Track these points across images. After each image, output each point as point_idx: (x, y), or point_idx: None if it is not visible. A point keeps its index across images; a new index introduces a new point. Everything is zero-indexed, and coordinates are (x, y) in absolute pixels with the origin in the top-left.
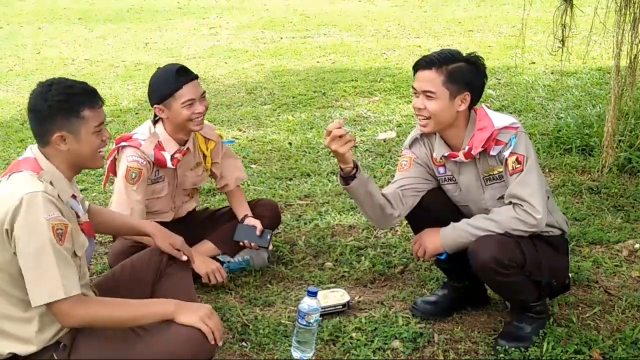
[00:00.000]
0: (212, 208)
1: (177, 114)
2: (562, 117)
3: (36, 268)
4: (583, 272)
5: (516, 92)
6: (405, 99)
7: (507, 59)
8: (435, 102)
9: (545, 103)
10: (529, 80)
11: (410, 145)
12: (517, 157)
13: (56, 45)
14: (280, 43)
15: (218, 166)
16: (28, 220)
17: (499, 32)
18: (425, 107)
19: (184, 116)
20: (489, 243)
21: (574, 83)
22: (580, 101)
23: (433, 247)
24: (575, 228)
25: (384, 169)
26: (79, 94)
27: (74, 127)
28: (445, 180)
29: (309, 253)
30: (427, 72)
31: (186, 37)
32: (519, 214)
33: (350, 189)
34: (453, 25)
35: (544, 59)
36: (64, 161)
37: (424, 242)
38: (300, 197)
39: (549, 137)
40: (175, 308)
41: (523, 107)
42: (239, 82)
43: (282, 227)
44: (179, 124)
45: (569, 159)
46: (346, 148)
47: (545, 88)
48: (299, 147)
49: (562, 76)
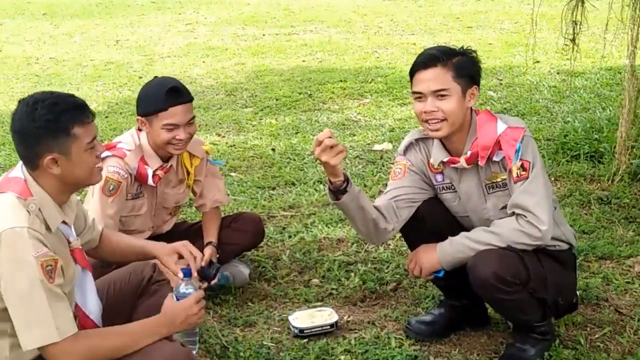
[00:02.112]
0: (190, 221)
1: (156, 133)
2: (569, 121)
3: (27, 310)
4: (592, 290)
5: (519, 94)
6: (399, 101)
7: (509, 57)
8: (449, 101)
9: (551, 106)
10: (533, 81)
11: (404, 151)
12: (522, 164)
13: (19, 43)
14: (262, 40)
15: (200, 184)
16: (13, 257)
17: (501, 28)
18: (439, 109)
19: (162, 138)
20: (490, 257)
21: (582, 84)
22: (588, 103)
23: (430, 264)
24: (584, 242)
25: (375, 177)
26: (67, 111)
27: (64, 147)
28: (443, 189)
29: (294, 269)
30: (432, 70)
31: (160, 33)
32: (522, 225)
33: (340, 204)
34: (450, 21)
35: (549, 58)
36: (56, 185)
37: (419, 259)
38: (284, 207)
39: (554, 142)
40: (167, 329)
41: (527, 110)
42: (218, 83)
43: (264, 241)
44: (157, 143)
45: (577, 166)
46: (338, 159)
47: (551, 89)
48: (282, 153)
49: (569, 76)
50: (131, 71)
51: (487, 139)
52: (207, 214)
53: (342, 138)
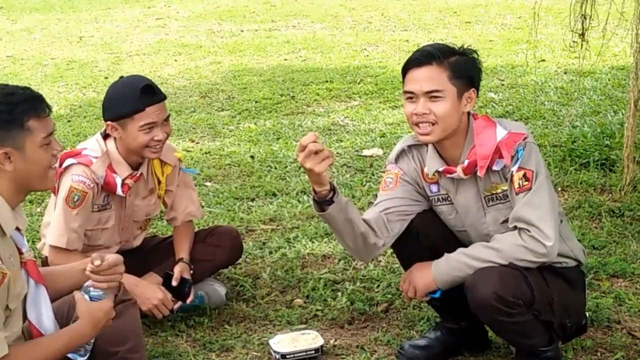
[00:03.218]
0: (160, 236)
1: (132, 137)
2: (578, 126)
3: None
4: (603, 311)
5: (523, 96)
6: (390, 104)
7: (511, 55)
8: (442, 103)
9: (558, 109)
10: (538, 82)
11: (396, 158)
12: (525, 173)
13: None
14: (240, 37)
15: (171, 195)
16: None
17: (502, 23)
18: (431, 111)
19: (140, 141)
20: (490, 276)
21: (591, 84)
22: (599, 106)
23: (424, 283)
24: (594, 258)
25: (364, 187)
26: (22, 102)
27: (18, 141)
28: (438, 201)
29: (275, 288)
30: (426, 68)
31: (128, 29)
32: (525, 241)
33: (326, 216)
34: (447, 15)
35: (556, 56)
36: (9, 184)
37: (413, 278)
38: (264, 221)
39: (561, 149)
40: (91, 334)
41: (531, 113)
42: (192, 84)
43: (243, 257)
44: (132, 148)
45: (586, 175)
46: (324, 166)
47: (558, 91)
48: (262, 161)
49: (578, 76)
50: (96, 71)
51: (485, 146)
52: (179, 228)
53: (328, 144)
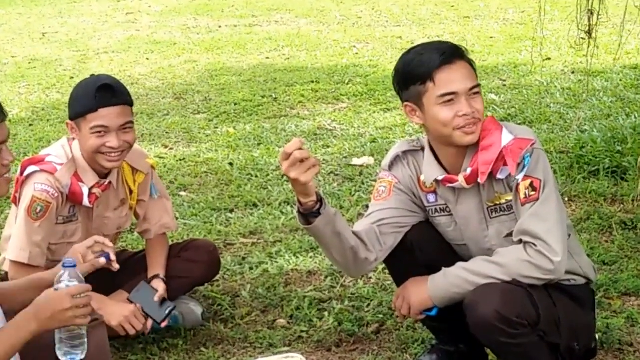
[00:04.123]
0: (131, 250)
1: (85, 139)
2: (587, 130)
3: None
4: (614, 332)
5: (526, 97)
6: (382, 106)
7: (514, 53)
8: (480, 98)
9: (565, 111)
10: (543, 82)
11: (390, 165)
12: (531, 182)
13: None
14: (218, 33)
15: (143, 205)
16: None
17: (504, 18)
18: (475, 109)
19: (91, 145)
20: (491, 293)
21: (601, 85)
22: (610, 109)
23: (420, 300)
24: (604, 275)
25: (353, 197)
26: None
27: None
28: (436, 212)
29: (256, 307)
30: (461, 64)
31: (95, 25)
32: (531, 256)
33: (312, 230)
34: (444, 9)
35: (563, 54)
36: None
37: (408, 295)
38: (244, 234)
39: (569, 155)
40: (36, 324)
41: (535, 116)
42: (165, 84)
43: (220, 273)
44: (87, 153)
45: (596, 184)
46: (309, 176)
47: (565, 92)
48: (242, 168)
49: (586, 76)
50: (60, 70)
51: (490, 151)
52: (152, 242)
53: (313, 150)
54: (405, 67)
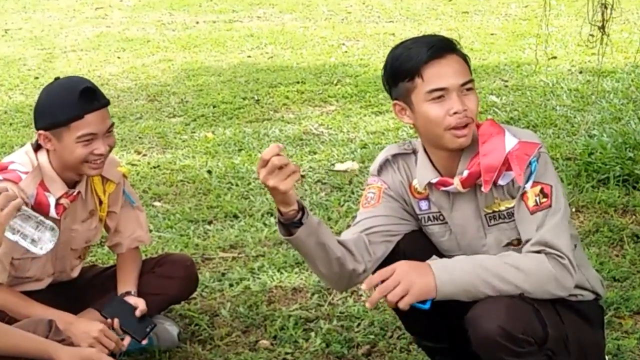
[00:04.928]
0: (101, 265)
1: (68, 150)
2: (596, 135)
3: None
4: (625, 354)
5: (530, 99)
6: (373, 109)
7: (517, 51)
8: (474, 95)
9: (572, 114)
10: (549, 83)
11: (379, 170)
12: (542, 188)
13: None
14: (195, 30)
15: (114, 217)
16: None
17: (506, 13)
18: (467, 107)
19: (77, 155)
20: (495, 307)
21: (612, 86)
22: (620, 112)
23: (424, 289)
24: (614, 292)
25: (342, 208)
26: None
27: None
28: (429, 220)
29: (237, 327)
30: (452, 57)
31: (62, 20)
32: (555, 269)
33: (294, 241)
34: (441, 4)
35: (570, 53)
36: None
37: (410, 280)
38: (224, 247)
39: (576, 162)
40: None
41: (540, 120)
42: (138, 85)
43: (198, 290)
44: (69, 163)
45: (605, 193)
46: (289, 184)
47: (572, 93)
48: (221, 177)
49: (595, 76)
50: (24, 70)
51: (493, 157)
52: (124, 256)
53: (299, 157)
54: (394, 63)
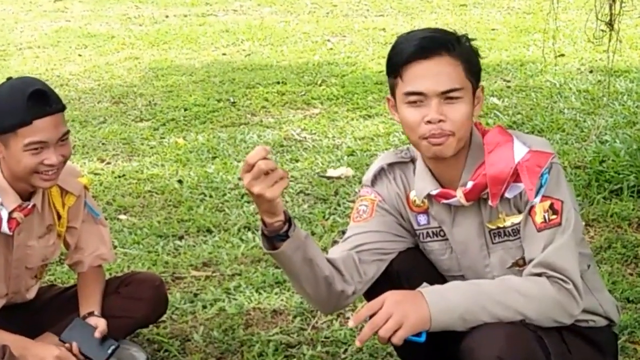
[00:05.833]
0: (60, 285)
1: (15, 159)
2: (607, 141)
3: None
4: None
5: (535, 101)
6: (361, 112)
7: (520, 49)
8: (460, 106)
9: (581, 118)
10: (556, 83)
11: (373, 180)
12: (552, 204)
13: None
14: (165, 24)
15: (74, 233)
16: None
17: (509, 7)
18: (447, 117)
19: (25, 165)
20: (494, 335)
21: (625, 86)
22: (635, 115)
23: (420, 320)
24: (628, 314)
25: (327, 221)
26: None
27: None
28: (427, 236)
29: (211, 353)
30: (438, 60)
31: (18, 14)
32: (560, 296)
33: (279, 256)
34: None
35: (579, 50)
36: None
37: (404, 312)
38: (196, 265)
39: (586, 171)
40: None
41: (546, 124)
42: (101, 86)
43: (168, 313)
44: (17, 173)
45: (618, 205)
46: (277, 191)
47: (581, 95)
48: (194, 187)
49: (607, 76)
50: None
51: (499, 167)
52: (86, 275)
53: (279, 165)
54: (390, 54)
